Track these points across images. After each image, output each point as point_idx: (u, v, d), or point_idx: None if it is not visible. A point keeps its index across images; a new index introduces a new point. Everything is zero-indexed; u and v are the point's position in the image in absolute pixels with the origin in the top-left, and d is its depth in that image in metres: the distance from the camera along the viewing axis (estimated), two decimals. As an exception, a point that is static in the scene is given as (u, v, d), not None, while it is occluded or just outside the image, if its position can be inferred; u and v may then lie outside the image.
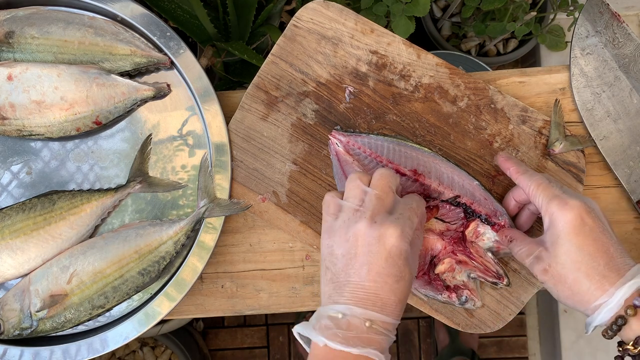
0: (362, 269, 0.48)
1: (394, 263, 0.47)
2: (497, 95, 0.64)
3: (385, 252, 0.47)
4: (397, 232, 0.48)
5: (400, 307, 0.48)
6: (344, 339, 0.46)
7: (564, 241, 0.49)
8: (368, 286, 0.47)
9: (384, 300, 0.47)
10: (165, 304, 0.62)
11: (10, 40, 0.62)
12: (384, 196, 0.51)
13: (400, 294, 0.48)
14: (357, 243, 0.48)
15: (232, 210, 0.63)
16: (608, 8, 0.65)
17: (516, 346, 1.59)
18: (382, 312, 0.47)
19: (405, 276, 0.48)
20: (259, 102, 0.65)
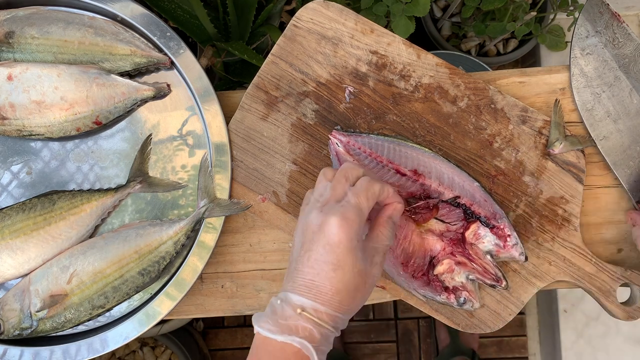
0: (304, 257, 0.48)
1: (331, 250, 0.47)
2: (497, 95, 0.64)
3: (324, 240, 0.47)
4: (336, 220, 0.47)
5: (338, 298, 0.47)
6: (273, 325, 0.45)
7: None
8: (306, 272, 0.47)
9: (319, 287, 0.46)
10: (165, 304, 0.62)
11: (10, 40, 0.62)
12: (337, 186, 0.51)
13: (337, 283, 0.46)
14: (307, 232, 0.49)
15: (232, 210, 0.63)
16: (608, 8, 0.65)
17: (516, 346, 1.59)
18: (316, 300, 0.46)
19: (345, 265, 0.47)
20: (259, 102, 0.65)
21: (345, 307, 0.47)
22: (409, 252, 0.61)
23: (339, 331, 0.48)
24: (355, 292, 0.48)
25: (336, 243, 0.47)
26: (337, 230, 0.47)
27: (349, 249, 0.47)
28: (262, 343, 0.46)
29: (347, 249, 0.47)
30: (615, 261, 0.66)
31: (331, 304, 0.46)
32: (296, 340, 0.45)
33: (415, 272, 0.61)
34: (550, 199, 0.63)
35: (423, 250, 0.61)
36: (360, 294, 0.48)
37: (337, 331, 0.47)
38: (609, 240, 0.66)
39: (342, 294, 0.47)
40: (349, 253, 0.47)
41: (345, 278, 0.47)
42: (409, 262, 0.61)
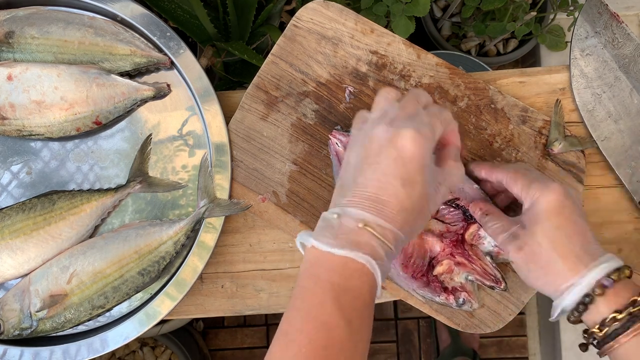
0: (368, 170, 0.44)
1: (403, 165, 0.43)
2: (497, 95, 0.64)
3: (395, 153, 0.43)
4: (410, 133, 0.43)
5: (403, 216, 0.43)
6: (331, 239, 0.42)
7: (543, 220, 0.48)
8: (370, 185, 0.44)
9: (384, 202, 0.43)
10: (165, 304, 0.62)
11: (10, 40, 0.62)
12: (407, 105, 0.48)
13: (405, 199, 0.43)
14: (371, 146, 0.45)
15: (232, 210, 0.63)
16: (607, 8, 0.65)
17: (516, 346, 1.59)
18: (379, 216, 0.43)
19: (416, 183, 0.43)
20: (259, 102, 0.65)
21: (408, 228, 0.44)
22: (409, 253, 0.61)
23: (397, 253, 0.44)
24: (418, 215, 0.44)
25: (409, 157, 0.43)
26: (412, 144, 0.43)
27: (421, 166, 0.44)
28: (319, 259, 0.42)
29: (420, 166, 0.44)
30: (615, 261, 0.66)
31: (395, 221, 0.43)
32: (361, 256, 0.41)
33: (415, 273, 0.61)
34: (550, 199, 0.63)
35: (423, 250, 0.61)
36: (420, 220, 0.45)
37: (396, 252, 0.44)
38: (609, 240, 0.66)
39: (407, 212, 0.43)
40: (421, 170, 0.44)
41: (413, 196, 0.43)
42: (409, 262, 0.61)
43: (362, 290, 0.41)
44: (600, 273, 0.46)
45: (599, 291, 0.45)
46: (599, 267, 0.46)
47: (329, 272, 0.42)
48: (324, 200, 0.64)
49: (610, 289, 0.45)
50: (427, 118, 0.46)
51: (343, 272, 0.41)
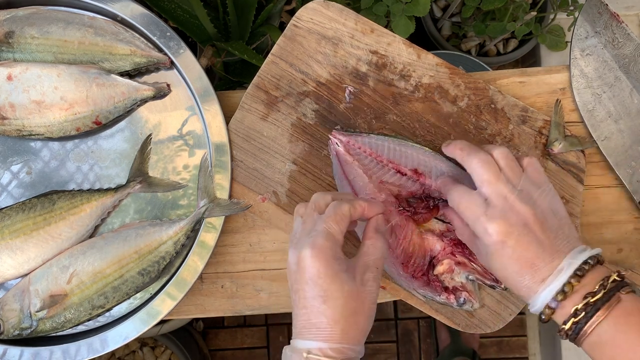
0: (296, 298, 0.47)
1: (315, 284, 0.46)
2: (497, 95, 0.64)
3: (305, 276, 0.46)
4: (307, 252, 0.46)
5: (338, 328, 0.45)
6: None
7: (490, 259, 0.51)
8: (301, 314, 0.46)
9: (316, 325, 0.45)
10: (165, 304, 0.62)
11: (10, 40, 0.62)
12: (307, 219, 0.50)
13: (332, 314, 0.45)
14: (290, 274, 0.48)
15: (232, 210, 0.63)
16: (607, 8, 0.65)
17: (516, 346, 1.59)
18: (317, 339, 0.45)
19: (333, 293, 0.45)
20: (259, 102, 0.65)
21: (351, 335, 0.46)
22: (409, 252, 0.61)
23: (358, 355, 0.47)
24: (355, 317, 0.46)
25: (316, 274, 0.46)
26: (312, 261, 0.46)
27: (330, 275, 0.46)
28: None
29: (329, 276, 0.46)
30: (615, 261, 0.66)
31: (333, 337, 0.45)
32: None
33: (415, 272, 0.61)
34: (550, 199, 0.63)
35: (423, 250, 0.61)
36: (363, 317, 0.47)
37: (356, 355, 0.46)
38: (609, 240, 0.66)
39: (341, 323, 0.45)
40: (332, 280, 0.46)
41: (337, 306, 0.45)
42: (409, 262, 0.61)
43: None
44: (546, 298, 0.48)
45: (548, 312, 0.48)
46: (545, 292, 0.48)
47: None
48: (324, 200, 0.64)
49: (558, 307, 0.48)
50: (321, 225, 0.48)
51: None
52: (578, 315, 0.47)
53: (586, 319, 0.46)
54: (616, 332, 0.46)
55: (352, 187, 0.62)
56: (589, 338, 0.47)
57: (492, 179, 0.51)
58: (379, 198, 0.61)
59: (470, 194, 0.52)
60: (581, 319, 0.46)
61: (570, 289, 0.47)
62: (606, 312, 0.46)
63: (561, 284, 0.48)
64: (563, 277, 0.48)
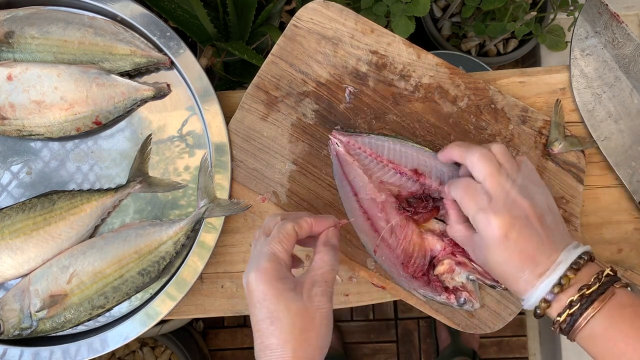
0: (253, 324, 0.47)
1: (262, 306, 0.46)
2: (497, 95, 0.64)
3: (253, 300, 0.47)
4: (252, 275, 0.46)
5: (289, 347, 0.45)
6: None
7: (491, 252, 0.51)
8: (257, 337, 0.47)
9: (269, 347, 0.45)
10: (165, 304, 0.62)
11: (10, 40, 0.62)
12: (256, 243, 0.51)
13: (280, 334, 0.45)
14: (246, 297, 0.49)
15: (232, 210, 0.63)
16: (607, 8, 0.65)
17: (516, 346, 1.59)
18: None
19: (279, 313, 0.45)
20: (259, 102, 0.65)
21: (302, 354, 0.45)
22: (409, 252, 0.61)
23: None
24: (304, 334, 0.45)
25: (261, 297, 0.46)
26: (256, 284, 0.46)
27: (275, 296, 0.46)
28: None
29: (274, 297, 0.46)
30: (615, 261, 0.66)
31: (284, 357, 0.45)
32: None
33: (416, 272, 0.61)
34: (550, 199, 0.63)
35: (423, 250, 0.61)
36: (314, 333, 0.46)
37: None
38: (609, 240, 0.66)
39: (291, 342, 0.45)
40: (277, 300, 0.46)
41: (285, 326, 0.45)
42: (409, 262, 0.61)
43: None
44: (545, 289, 0.49)
45: (544, 305, 0.49)
46: (542, 284, 0.49)
47: None
48: (324, 200, 0.64)
49: (552, 301, 0.49)
50: (265, 248, 0.48)
51: None
52: (573, 307, 0.47)
53: (581, 310, 0.47)
54: (610, 324, 0.46)
55: (352, 187, 0.62)
56: (583, 331, 0.47)
57: (494, 172, 0.51)
58: (379, 198, 0.61)
59: (474, 186, 0.52)
60: (576, 311, 0.47)
61: (567, 282, 0.48)
62: (601, 305, 0.46)
63: (558, 277, 0.48)
64: (560, 269, 0.49)
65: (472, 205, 0.51)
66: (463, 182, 0.53)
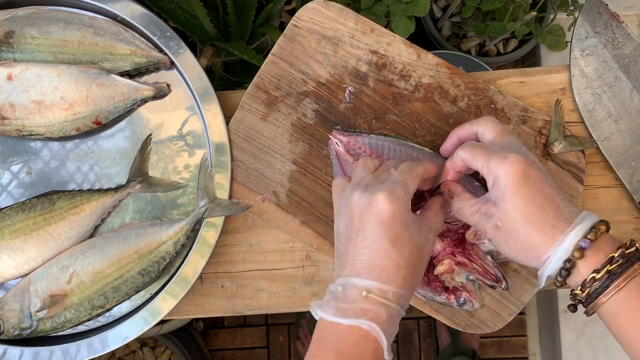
0: (358, 239, 0.47)
1: (387, 226, 0.46)
2: (497, 95, 0.64)
3: (375, 217, 0.46)
4: (385, 195, 0.46)
5: (402, 274, 0.45)
6: (337, 309, 0.44)
7: (511, 195, 0.48)
8: (363, 253, 0.46)
9: (380, 266, 0.45)
10: (165, 304, 0.62)
11: (10, 40, 0.62)
12: (380, 172, 0.51)
13: (398, 258, 0.45)
14: (353, 214, 0.48)
15: (232, 210, 0.63)
16: (607, 8, 0.65)
17: (516, 346, 1.59)
18: (380, 280, 0.45)
19: (404, 240, 0.46)
20: (259, 102, 0.65)
21: (409, 284, 0.46)
22: (409, 252, 0.61)
23: (404, 310, 0.46)
24: (415, 267, 0.46)
25: (390, 218, 0.46)
26: (388, 205, 0.46)
27: (403, 223, 0.46)
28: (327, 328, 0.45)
29: (402, 223, 0.46)
30: (615, 261, 0.66)
31: (395, 282, 0.45)
32: (364, 323, 0.43)
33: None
34: (550, 199, 0.63)
35: (423, 250, 0.61)
36: (420, 270, 0.47)
37: (403, 310, 0.46)
38: (609, 240, 0.66)
39: (404, 270, 0.46)
40: (404, 227, 0.46)
41: (405, 252, 0.46)
42: (409, 262, 0.61)
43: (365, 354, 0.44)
44: (576, 236, 0.46)
45: (577, 255, 0.46)
46: (574, 230, 0.46)
47: (336, 340, 0.44)
48: (324, 200, 0.64)
49: (588, 250, 0.46)
50: (399, 178, 0.49)
51: (348, 339, 0.44)
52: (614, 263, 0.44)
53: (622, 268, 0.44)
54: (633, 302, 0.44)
55: (352, 187, 0.62)
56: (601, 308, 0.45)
57: (504, 131, 0.52)
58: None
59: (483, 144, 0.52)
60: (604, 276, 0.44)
61: (600, 232, 0.45)
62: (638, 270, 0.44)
63: (590, 225, 0.46)
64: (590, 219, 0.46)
65: (485, 152, 0.50)
66: (471, 143, 0.53)
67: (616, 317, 0.45)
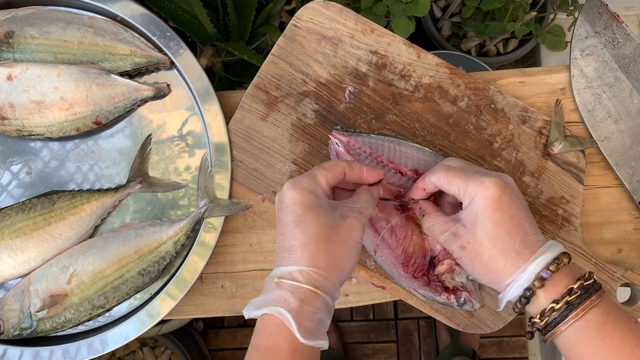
0: (278, 232, 0.49)
1: (290, 210, 0.47)
2: (497, 95, 0.64)
3: (282, 205, 0.48)
4: (288, 185, 0.49)
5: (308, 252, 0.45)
6: (253, 304, 0.45)
7: (482, 218, 0.49)
8: (279, 242, 0.48)
9: (288, 249, 0.46)
10: (165, 304, 0.62)
11: (10, 40, 0.62)
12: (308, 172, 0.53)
13: (303, 236, 0.46)
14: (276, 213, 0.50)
15: (232, 210, 0.63)
16: (607, 8, 0.65)
17: (516, 346, 1.59)
18: (289, 263, 0.46)
19: (306, 218, 0.46)
20: (259, 102, 0.65)
21: (321, 262, 0.46)
22: (410, 252, 0.61)
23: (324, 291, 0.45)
24: (328, 244, 0.46)
25: (291, 201, 0.48)
26: (290, 192, 0.48)
27: (305, 203, 0.47)
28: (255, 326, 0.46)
29: (303, 204, 0.47)
30: (615, 261, 0.66)
31: (302, 260, 0.45)
32: (270, 310, 0.44)
33: (416, 272, 0.61)
34: (550, 199, 0.63)
35: (423, 250, 0.61)
36: (338, 247, 0.47)
37: (322, 291, 0.45)
38: (609, 240, 0.66)
39: (311, 246, 0.46)
40: (307, 208, 0.47)
41: (310, 230, 0.46)
42: (410, 262, 0.61)
43: (282, 344, 0.44)
44: (539, 266, 0.47)
45: (538, 284, 0.47)
46: (537, 260, 0.47)
47: (255, 335, 0.45)
48: (324, 200, 0.64)
49: (549, 280, 0.47)
50: (310, 172, 0.51)
51: (265, 332, 0.44)
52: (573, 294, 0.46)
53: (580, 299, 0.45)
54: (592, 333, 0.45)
55: (352, 187, 0.62)
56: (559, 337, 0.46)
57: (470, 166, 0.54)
58: (379, 198, 0.61)
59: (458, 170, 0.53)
60: (574, 299, 0.46)
61: (562, 264, 0.47)
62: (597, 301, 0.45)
63: (554, 256, 0.47)
64: (555, 250, 0.47)
65: (462, 176, 0.51)
66: (444, 167, 0.54)
67: (574, 346, 0.46)
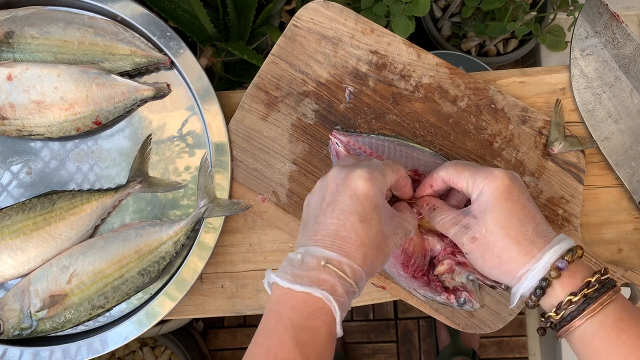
0: (327, 209, 0.46)
1: (359, 202, 0.45)
2: (497, 95, 0.64)
3: (350, 191, 0.46)
4: (362, 172, 0.46)
5: (362, 251, 0.44)
6: (292, 276, 0.43)
7: (493, 207, 0.48)
8: (330, 223, 0.45)
9: (344, 238, 0.44)
10: (165, 304, 0.62)
11: (10, 40, 0.62)
12: (363, 159, 0.52)
13: (363, 235, 0.44)
14: (328, 187, 0.48)
15: (232, 210, 0.63)
16: (607, 8, 0.65)
17: (516, 346, 1.59)
18: (341, 252, 0.44)
19: (372, 219, 0.45)
20: (259, 102, 0.65)
21: (368, 264, 0.45)
22: (410, 252, 0.61)
23: (359, 292, 0.45)
24: (377, 251, 0.46)
25: (364, 194, 0.46)
26: (364, 182, 0.46)
27: (375, 204, 0.46)
28: (282, 298, 0.44)
29: (374, 204, 0.46)
30: (615, 261, 0.66)
31: (355, 257, 0.44)
32: (317, 292, 0.42)
33: (416, 272, 0.61)
34: (550, 199, 0.63)
35: (423, 250, 0.61)
36: (382, 256, 0.46)
37: (358, 291, 0.45)
38: (609, 240, 0.66)
39: (367, 247, 0.45)
40: (375, 207, 0.46)
41: (371, 232, 0.45)
42: (410, 262, 0.61)
43: (321, 329, 0.43)
44: (554, 255, 0.46)
45: (554, 274, 0.45)
46: (553, 249, 0.46)
47: (290, 310, 0.43)
48: (324, 200, 0.64)
49: (565, 270, 0.45)
50: (379, 165, 0.49)
51: (304, 309, 0.43)
52: (591, 287, 0.44)
53: (598, 293, 0.44)
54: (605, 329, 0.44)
55: (352, 187, 0.62)
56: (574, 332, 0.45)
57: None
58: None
59: (467, 164, 0.53)
60: (592, 292, 0.44)
61: (576, 255, 0.46)
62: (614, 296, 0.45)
63: (568, 247, 0.46)
64: (569, 241, 0.47)
65: (470, 169, 0.50)
66: (453, 162, 0.53)
67: (590, 341, 0.44)
